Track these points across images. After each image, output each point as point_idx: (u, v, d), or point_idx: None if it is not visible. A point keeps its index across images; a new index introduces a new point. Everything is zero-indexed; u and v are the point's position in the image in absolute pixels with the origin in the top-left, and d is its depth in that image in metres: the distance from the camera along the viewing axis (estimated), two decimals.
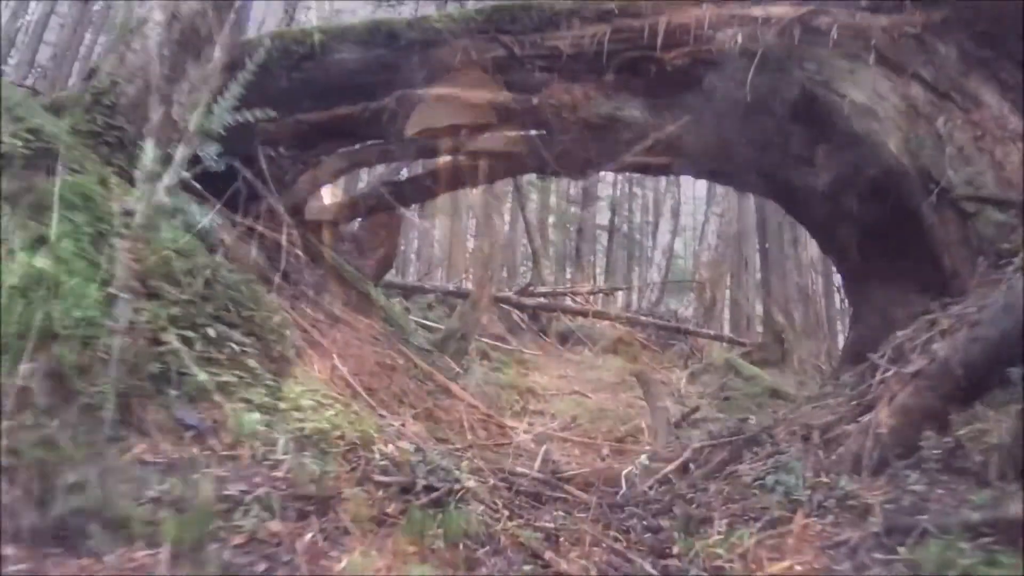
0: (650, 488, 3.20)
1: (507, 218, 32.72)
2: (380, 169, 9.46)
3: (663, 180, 26.10)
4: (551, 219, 27.40)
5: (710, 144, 5.28)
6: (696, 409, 8.32)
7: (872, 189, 4.86)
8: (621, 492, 3.29)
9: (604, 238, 31.10)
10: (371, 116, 6.35)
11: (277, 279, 6.40)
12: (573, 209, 28.23)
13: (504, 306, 16.19)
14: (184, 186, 4.64)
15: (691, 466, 3.38)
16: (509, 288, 19.12)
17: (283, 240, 7.00)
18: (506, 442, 4.52)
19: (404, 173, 8.59)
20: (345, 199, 6.97)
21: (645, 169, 6.32)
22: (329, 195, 7.84)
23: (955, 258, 4.39)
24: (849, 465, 2.62)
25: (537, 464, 3.74)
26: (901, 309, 5.30)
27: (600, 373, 12.56)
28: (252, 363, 2.23)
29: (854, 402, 3.18)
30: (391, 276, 22.09)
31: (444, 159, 6.20)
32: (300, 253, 7.05)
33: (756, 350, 12.63)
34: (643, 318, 16.78)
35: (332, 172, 6.58)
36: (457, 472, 2.54)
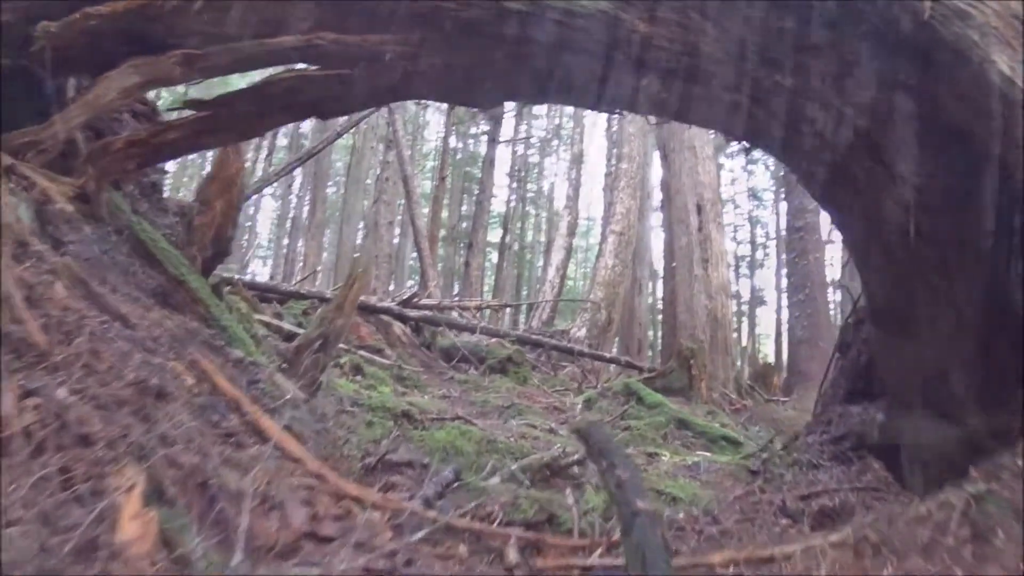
0: None
1: (397, 231, 30.35)
2: None
3: (561, 198, 24.29)
4: (442, 233, 25.12)
5: (676, 48, 3.19)
6: None
7: (947, 132, 2.90)
8: None
9: (495, 257, 29.06)
10: (180, 5, 3.95)
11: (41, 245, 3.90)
12: (464, 224, 26.13)
13: (385, 317, 13.89)
14: None
15: None
16: (392, 299, 16.78)
17: (52, 188, 4.48)
18: (331, 539, 2.22)
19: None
20: (138, 132, 4.46)
21: (575, 98, 4.15)
22: None
23: None
24: None
25: None
26: (947, 325, 3.36)
27: (487, 395, 10.51)
28: None
29: None
30: (268, 280, 19.21)
31: (281, 70, 3.86)
32: (70, 209, 4.51)
33: (660, 376, 10.78)
34: (534, 337, 14.75)
35: (120, 90, 4.09)
36: None
